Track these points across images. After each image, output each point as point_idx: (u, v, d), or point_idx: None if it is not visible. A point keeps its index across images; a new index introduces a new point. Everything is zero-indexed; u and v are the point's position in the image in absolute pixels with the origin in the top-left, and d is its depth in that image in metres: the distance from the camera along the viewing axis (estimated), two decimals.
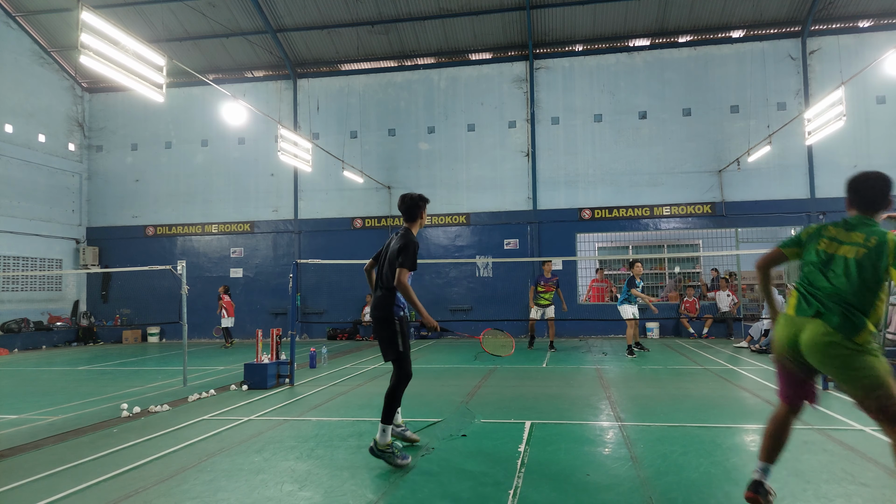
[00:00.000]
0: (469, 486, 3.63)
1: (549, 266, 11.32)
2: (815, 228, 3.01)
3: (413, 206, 4.40)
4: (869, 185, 2.91)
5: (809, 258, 2.94)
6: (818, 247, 2.90)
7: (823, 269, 2.84)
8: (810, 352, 2.77)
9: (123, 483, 3.81)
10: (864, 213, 2.90)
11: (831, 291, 2.77)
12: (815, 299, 2.82)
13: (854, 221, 2.88)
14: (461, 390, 7.05)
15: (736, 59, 14.50)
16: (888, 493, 3.33)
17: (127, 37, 6.50)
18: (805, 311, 2.83)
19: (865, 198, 2.91)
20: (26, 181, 15.57)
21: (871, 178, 2.92)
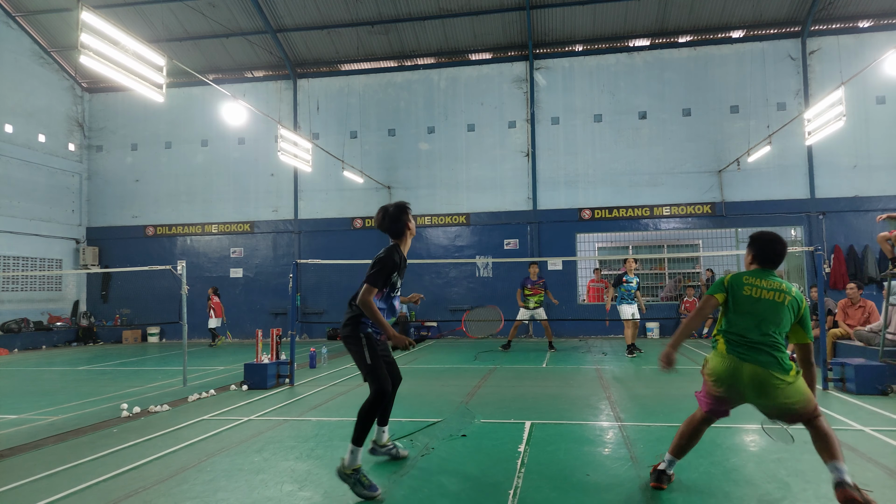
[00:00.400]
0: (469, 486, 3.63)
1: (534, 269, 11.25)
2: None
3: (396, 218, 4.02)
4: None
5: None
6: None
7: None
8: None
9: (123, 483, 3.81)
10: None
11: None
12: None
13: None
14: (461, 390, 7.05)
15: (736, 59, 14.50)
16: (888, 493, 3.33)
17: (127, 37, 6.50)
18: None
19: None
20: (26, 181, 15.57)
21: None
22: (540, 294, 11.15)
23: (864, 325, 7.78)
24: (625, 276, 10.58)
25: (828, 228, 13.76)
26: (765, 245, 3.33)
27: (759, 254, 3.33)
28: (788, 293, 3.18)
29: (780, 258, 3.32)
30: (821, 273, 6.98)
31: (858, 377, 6.34)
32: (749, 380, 3.08)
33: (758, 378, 3.06)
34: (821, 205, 13.86)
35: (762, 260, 3.32)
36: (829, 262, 13.40)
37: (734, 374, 3.11)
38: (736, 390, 3.14)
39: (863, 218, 13.56)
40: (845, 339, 7.98)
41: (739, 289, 3.21)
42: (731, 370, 3.12)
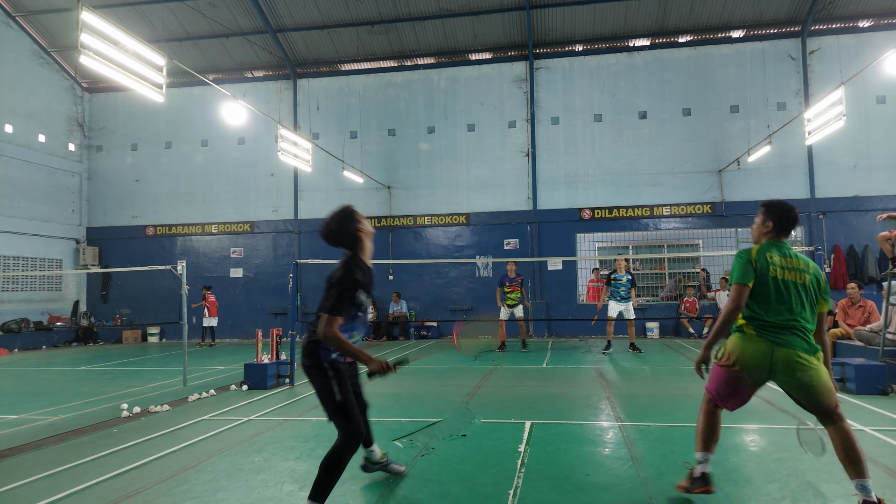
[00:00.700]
0: (469, 486, 3.63)
1: (512, 266, 11.34)
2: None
3: (343, 229, 3.47)
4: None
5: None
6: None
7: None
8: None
9: (123, 483, 3.81)
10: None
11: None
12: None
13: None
14: (461, 390, 7.05)
15: (736, 59, 14.50)
16: (888, 494, 3.33)
17: (127, 37, 6.50)
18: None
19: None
20: (26, 181, 15.57)
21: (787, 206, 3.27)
22: (517, 292, 11.22)
23: (865, 325, 7.78)
24: (613, 275, 10.75)
25: (828, 228, 13.76)
26: (785, 213, 3.21)
27: (778, 223, 3.21)
28: (807, 271, 3.10)
29: (795, 226, 3.26)
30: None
31: (858, 377, 6.35)
32: (779, 362, 2.99)
33: (788, 359, 2.98)
34: (821, 205, 13.86)
35: (781, 230, 3.21)
36: (829, 262, 13.40)
37: (765, 357, 2.99)
38: (764, 372, 3.02)
39: (863, 218, 13.56)
40: (845, 339, 7.98)
41: (765, 273, 3.07)
42: (763, 353, 2.99)
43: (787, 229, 3.22)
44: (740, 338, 3.09)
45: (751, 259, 3.12)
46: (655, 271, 15.34)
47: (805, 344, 3.01)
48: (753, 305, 3.08)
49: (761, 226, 3.27)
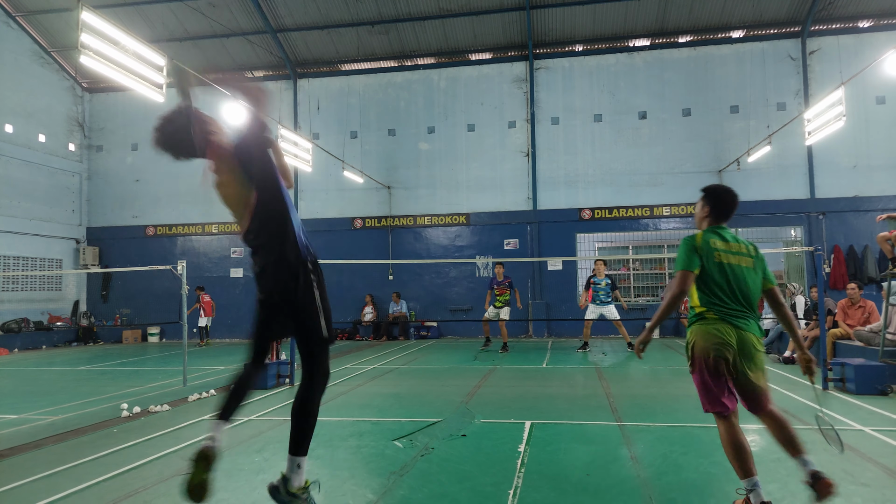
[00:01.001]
0: (469, 486, 3.63)
1: (500, 269, 11.42)
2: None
3: (176, 135, 2.83)
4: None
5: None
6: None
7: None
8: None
9: (123, 483, 3.81)
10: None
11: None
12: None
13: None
14: (461, 390, 7.05)
15: (736, 60, 14.50)
16: (888, 493, 3.33)
17: (127, 37, 6.50)
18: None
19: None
20: (26, 181, 15.57)
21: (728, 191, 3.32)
22: (506, 294, 11.25)
23: (864, 325, 7.78)
24: (593, 279, 10.88)
25: (828, 228, 13.76)
26: (721, 197, 3.27)
27: (715, 208, 3.26)
28: (749, 255, 3.12)
29: (734, 209, 3.28)
30: (821, 273, 6.98)
31: (858, 377, 6.34)
32: (742, 344, 2.97)
33: (749, 343, 2.98)
34: (821, 205, 13.86)
35: (719, 215, 3.26)
36: (829, 262, 13.40)
37: (730, 336, 2.97)
38: (730, 350, 2.96)
39: (863, 218, 13.56)
40: (845, 339, 7.98)
41: (711, 258, 3.08)
42: (728, 332, 2.97)
43: (725, 214, 3.25)
44: (702, 324, 3.05)
45: (695, 245, 3.13)
46: (655, 271, 15.34)
47: (758, 328, 3.06)
48: (710, 292, 3.06)
49: (700, 211, 3.32)
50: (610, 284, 10.84)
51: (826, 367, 6.77)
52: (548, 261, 14.70)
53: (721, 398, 2.99)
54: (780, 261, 15.00)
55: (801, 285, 13.15)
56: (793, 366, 8.78)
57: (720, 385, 2.99)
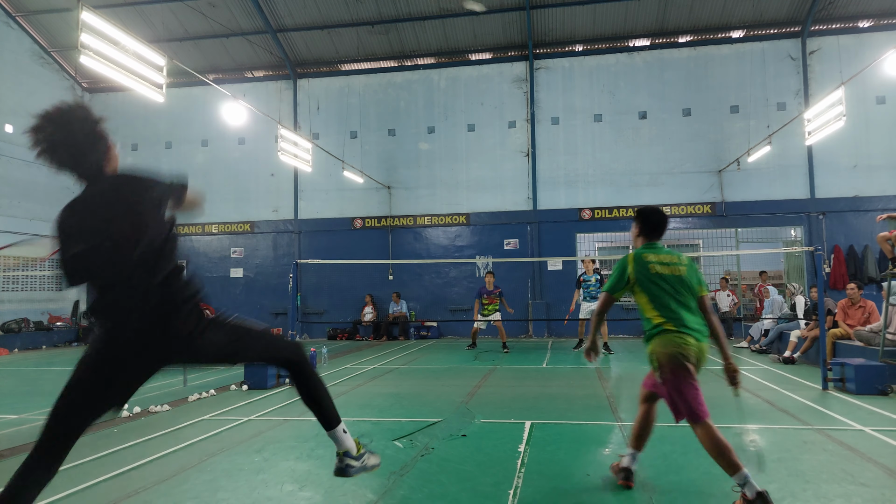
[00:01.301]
0: (469, 486, 3.63)
1: (490, 278, 11.34)
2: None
3: (78, 132, 2.10)
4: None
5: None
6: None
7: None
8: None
9: (123, 483, 3.81)
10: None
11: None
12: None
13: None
14: (461, 390, 7.05)
15: (736, 59, 14.50)
16: (888, 493, 3.33)
17: (127, 37, 6.50)
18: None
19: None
20: (26, 181, 15.57)
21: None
22: (496, 303, 11.22)
23: (864, 325, 7.78)
24: (583, 276, 10.92)
25: (828, 228, 13.76)
26: (648, 217, 3.47)
27: (644, 227, 3.47)
28: (682, 263, 3.32)
29: (664, 227, 3.46)
30: (821, 273, 6.98)
31: (858, 377, 6.34)
32: (701, 354, 3.20)
33: (704, 352, 3.22)
34: (821, 205, 13.86)
35: (650, 233, 3.45)
36: (829, 262, 13.40)
37: (692, 347, 3.14)
38: (692, 358, 3.16)
39: (863, 218, 13.56)
40: (845, 339, 7.98)
41: (646, 272, 3.29)
42: (690, 344, 3.14)
43: (654, 231, 3.45)
44: (664, 337, 3.17)
45: (625, 268, 3.35)
46: None
47: (706, 337, 3.25)
48: (662, 305, 3.24)
49: (633, 231, 3.55)
50: (599, 280, 10.85)
51: (826, 367, 6.77)
52: (548, 261, 14.70)
53: (701, 400, 3.12)
54: (780, 261, 15.01)
55: (801, 285, 13.15)
56: (793, 366, 8.78)
57: (697, 387, 3.13)
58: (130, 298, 2.09)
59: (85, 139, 2.14)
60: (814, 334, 8.54)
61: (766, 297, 11.41)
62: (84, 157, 2.14)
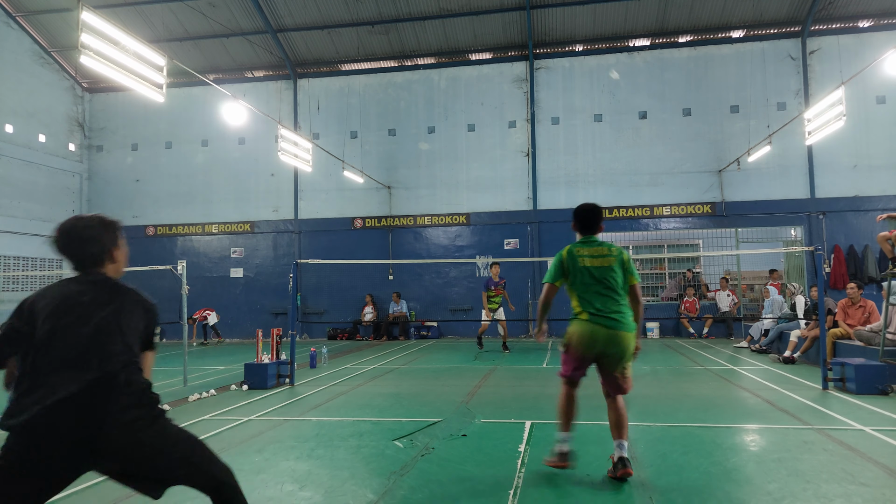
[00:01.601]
0: (469, 486, 3.63)
1: (496, 269, 11.42)
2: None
3: (95, 237, 2.22)
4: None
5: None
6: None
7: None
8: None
9: None
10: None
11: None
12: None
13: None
14: (461, 390, 7.05)
15: (736, 59, 14.50)
16: (888, 493, 3.33)
17: (127, 37, 6.50)
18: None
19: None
20: (26, 181, 15.57)
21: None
22: (501, 295, 11.25)
23: (865, 325, 7.78)
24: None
25: (828, 228, 13.76)
26: (581, 214, 3.86)
27: (578, 223, 3.87)
28: (611, 255, 3.69)
29: (596, 222, 3.83)
30: (821, 273, 6.98)
31: (858, 377, 6.34)
32: (605, 340, 3.59)
33: (611, 338, 3.58)
34: (821, 205, 13.86)
35: (583, 228, 3.85)
36: (829, 262, 13.40)
37: (593, 336, 3.59)
38: (594, 348, 3.62)
39: (863, 218, 13.56)
40: (845, 339, 7.98)
41: (576, 264, 3.69)
42: (591, 333, 3.59)
43: (588, 226, 3.83)
44: (576, 324, 3.68)
45: (562, 260, 3.76)
46: (656, 271, 15.35)
47: (624, 324, 3.59)
48: (581, 297, 3.68)
49: (573, 227, 3.92)
50: None
51: (826, 366, 6.77)
52: (548, 261, 14.66)
53: (573, 372, 3.78)
54: (780, 261, 15.01)
55: (802, 285, 13.15)
56: (793, 366, 8.78)
57: (579, 367, 3.76)
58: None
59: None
60: (814, 334, 8.54)
61: (766, 296, 11.41)
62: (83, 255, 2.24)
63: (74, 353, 2.00)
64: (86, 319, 2.06)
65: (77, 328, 2.03)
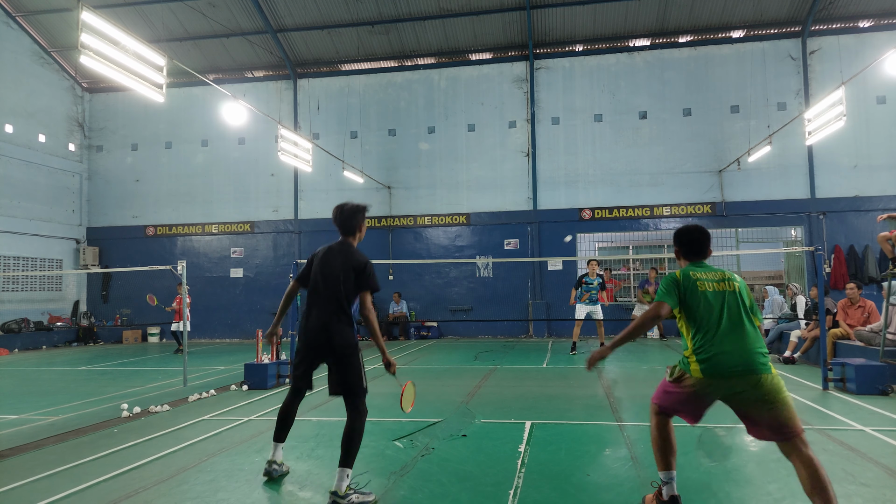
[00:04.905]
0: (469, 486, 3.63)
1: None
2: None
3: (351, 216, 3.90)
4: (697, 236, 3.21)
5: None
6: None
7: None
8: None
9: (123, 483, 3.81)
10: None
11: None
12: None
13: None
14: (461, 390, 7.05)
15: (736, 59, 14.50)
16: (888, 493, 3.33)
17: (127, 37, 6.49)
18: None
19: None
20: (26, 181, 15.57)
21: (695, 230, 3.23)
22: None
23: (865, 325, 7.78)
24: (584, 278, 10.87)
25: (828, 228, 13.75)
26: (686, 236, 3.20)
27: (685, 249, 3.21)
28: (733, 279, 3.02)
29: (706, 246, 3.18)
30: (821, 273, 6.98)
31: (858, 377, 6.34)
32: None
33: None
34: (821, 205, 13.85)
35: (689, 253, 3.19)
36: (829, 262, 13.40)
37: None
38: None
39: (863, 218, 13.55)
40: (845, 339, 7.98)
41: (695, 290, 2.97)
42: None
43: (695, 251, 3.17)
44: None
45: (676, 280, 3.03)
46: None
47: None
48: (693, 327, 2.99)
49: (675, 254, 3.32)
50: (601, 283, 10.84)
51: (826, 367, 6.76)
52: (548, 261, 14.69)
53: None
54: (780, 261, 15.00)
55: (802, 285, 13.16)
56: (793, 366, 8.78)
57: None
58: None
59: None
60: (814, 334, 8.54)
61: (766, 296, 11.41)
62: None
63: (327, 296, 3.65)
64: (330, 271, 3.71)
65: (327, 278, 3.68)
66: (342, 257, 3.72)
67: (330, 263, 3.71)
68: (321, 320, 3.57)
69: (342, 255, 3.73)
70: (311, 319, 3.63)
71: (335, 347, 3.54)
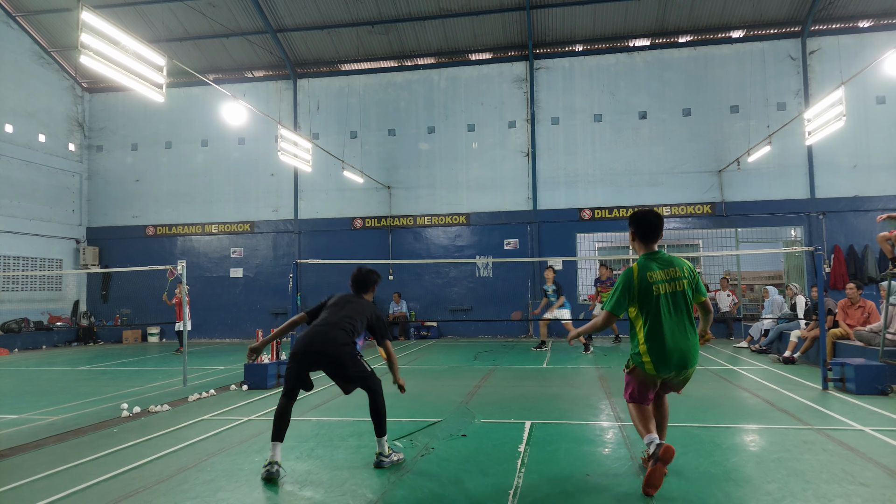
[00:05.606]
0: (469, 486, 3.63)
1: (604, 270, 11.91)
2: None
3: (367, 276, 4.51)
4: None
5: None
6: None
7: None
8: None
9: (123, 483, 3.81)
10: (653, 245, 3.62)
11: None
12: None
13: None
14: (461, 390, 7.05)
15: (736, 59, 14.50)
16: (888, 493, 3.33)
17: (127, 37, 6.49)
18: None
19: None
20: (26, 181, 15.57)
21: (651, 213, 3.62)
22: (608, 293, 11.22)
23: (864, 325, 7.78)
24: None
25: (828, 228, 13.76)
26: (641, 220, 3.55)
27: (638, 231, 3.56)
28: (682, 277, 3.47)
29: (659, 230, 3.56)
30: (821, 273, 6.98)
31: (858, 377, 6.35)
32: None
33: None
34: (821, 205, 13.85)
35: (643, 236, 3.56)
36: (829, 262, 13.40)
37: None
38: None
39: (863, 218, 13.56)
40: (845, 339, 7.98)
41: (648, 291, 3.44)
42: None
43: (650, 235, 3.56)
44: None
45: (632, 285, 3.48)
46: None
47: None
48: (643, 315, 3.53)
49: (630, 237, 3.68)
50: (556, 291, 11.33)
51: (826, 367, 6.77)
52: (548, 261, 14.68)
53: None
54: (780, 261, 15.00)
55: (802, 285, 13.15)
56: (793, 366, 8.78)
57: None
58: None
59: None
60: (814, 334, 8.54)
61: (766, 296, 11.41)
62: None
63: (333, 319, 4.08)
64: (343, 308, 4.21)
65: (338, 311, 4.17)
66: (357, 305, 4.27)
67: (344, 307, 4.21)
68: (323, 331, 4.00)
69: (358, 304, 4.28)
70: (312, 328, 4.07)
71: (330, 354, 3.91)
